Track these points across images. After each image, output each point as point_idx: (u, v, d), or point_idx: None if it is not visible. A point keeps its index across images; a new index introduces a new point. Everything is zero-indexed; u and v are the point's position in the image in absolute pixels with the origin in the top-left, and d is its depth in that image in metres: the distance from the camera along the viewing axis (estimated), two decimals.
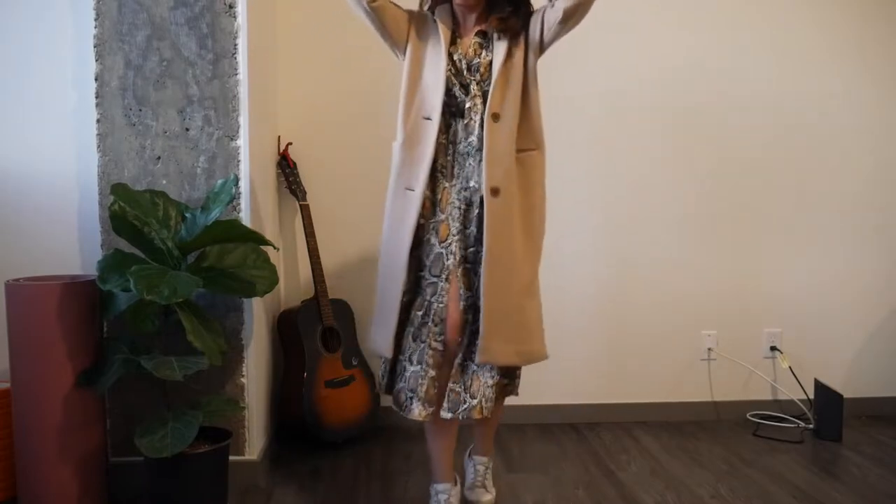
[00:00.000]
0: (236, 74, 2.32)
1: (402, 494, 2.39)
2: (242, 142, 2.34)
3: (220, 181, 2.22)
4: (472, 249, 2.01)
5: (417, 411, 1.95)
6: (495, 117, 1.98)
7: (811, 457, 2.75)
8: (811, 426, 3.01)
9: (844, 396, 2.93)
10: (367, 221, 3.05)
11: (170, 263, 2.12)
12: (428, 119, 2.02)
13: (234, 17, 2.31)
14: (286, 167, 2.89)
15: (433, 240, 2.02)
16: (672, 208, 3.13)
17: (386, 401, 2.98)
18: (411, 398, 1.98)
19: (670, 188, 3.12)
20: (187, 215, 2.19)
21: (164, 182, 2.33)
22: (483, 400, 1.96)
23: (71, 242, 2.42)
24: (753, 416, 3.14)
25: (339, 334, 2.87)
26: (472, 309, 1.99)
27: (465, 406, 1.96)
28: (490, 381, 1.98)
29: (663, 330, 3.17)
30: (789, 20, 3.12)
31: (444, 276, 1.99)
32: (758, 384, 3.20)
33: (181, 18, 2.30)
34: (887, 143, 3.19)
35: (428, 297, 2.00)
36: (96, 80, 2.31)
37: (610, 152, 3.10)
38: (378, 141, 3.02)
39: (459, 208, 2.02)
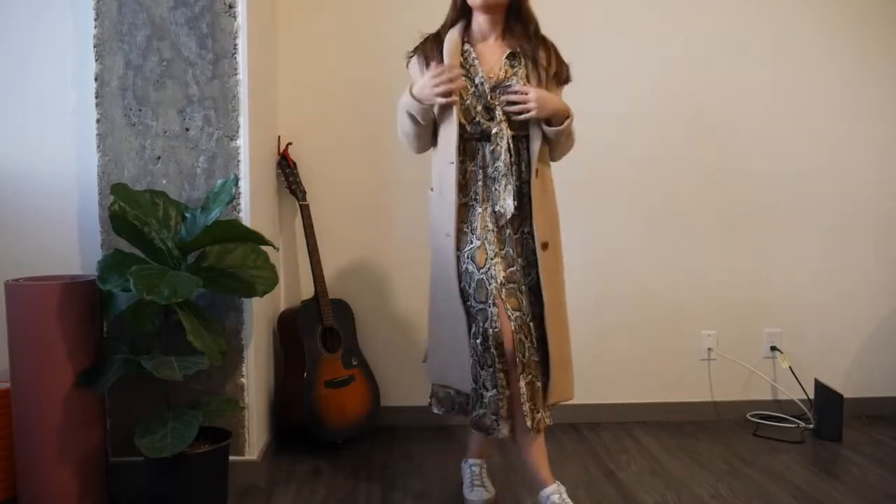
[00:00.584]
0: (236, 74, 2.32)
1: (403, 494, 2.39)
2: (242, 142, 2.34)
3: (220, 181, 2.22)
4: (511, 269, 2.06)
5: (506, 430, 2.05)
6: (538, 173, 2.07)
7: (811, 457, 2.75)
8: (811, 426, 3.01)
9: (844, 396, 2.93)
10: (368, 221, 3.06)
11: (170, 263, 2.12)
12: (451, 164, 2.07)
13: (234, 17, 2.31)
14: (286, 167, 2.90)
15: (471, 268, 2.07)
16: (672, 208, 3.13)
17: (387, 401, 3.01)
18: (496, 420, 2.04)
19: (670, 188, 3.12)
20: (187, 215, 2.19)
21: (164, 182, 2.33)
22: (545, 411, 2.12)
23: (71, 242, 2.42)
24: (753, 416, 3.14)
25: (339, 334, 2.87)
26: (524, 326, 2.04)
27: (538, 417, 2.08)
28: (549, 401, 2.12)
29: (663, 330, 3.17)
30: (788, 21, 3.12)
31: (490, 301, 2.02)
32: (758, 384, 3.20)
33: (181, 18, 2.30)
34: (887, 143, 3.19)
35: (482, 325, 2.03)
36: (96, 80, 2.31)
37: (609, 152, 3.10)
38: (378, 141, 3.03)
39: (492, 231, 2.06)
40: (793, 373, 3.13)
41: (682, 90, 3.10)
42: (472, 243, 2.07)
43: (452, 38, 2.11)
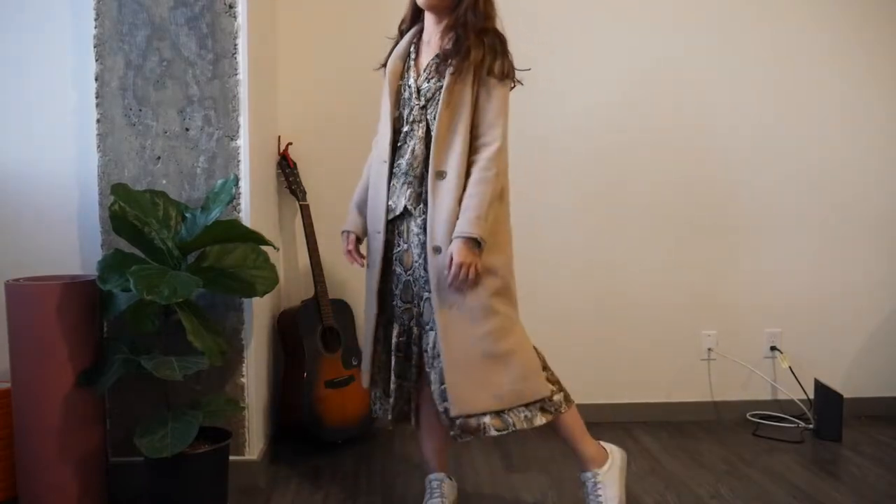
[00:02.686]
0: (236, 74, 2.32)
1: (403, 494, 2.39)
2: (242, 142, 2.34)
3: (220, 181, 2.22)
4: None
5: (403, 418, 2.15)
6: (440, 175, 1.98)
7: (811, 457, 2.75)
8: (811, 426, 3.01)
9: (844, 396, 2.93)
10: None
11: (170, 263, 2.12)
12: (384, 162, 2.07)
13: (234, 17, 2.31)
14: (286, 167, 2.89)
15: (398, 269, 2.09)
16: (672, 208, 3.13)
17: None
18: (409, 408, 2.15)
19: (670, 188, 3.12)
20: (187, 215, 2.19)
21: (164, 182, 2.33)
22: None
23: (71, 242, 2.42)
24: (753, 416, 3.14)
25: (339, 334, 2.87)
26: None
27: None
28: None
29: (663, 330, 3.17)
30: (786, 21, 3.12)
31: (415, 302, 2.06)
32: (758, 384, 3.20)
33: (181, 18, 2.30)
34: (888, 143, 3.19)
35: (407, 322, 2.08)
36: (96, 80, 2.31)
37: (609, 152, 3.10)
38: None
39: (418, 236, 2.04)
40: (793, 373, 3.13)
41: (679, 93, 3.10)
42: (399, 246, 2.08)
43: (404, 41, 2.11)
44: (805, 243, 3.19)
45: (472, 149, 1.97)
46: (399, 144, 2.07)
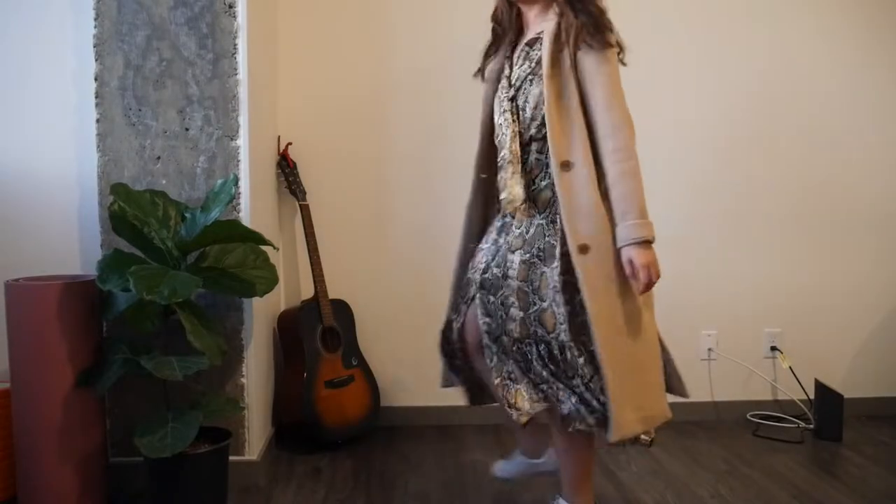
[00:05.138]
0: (236, 74, 2.32)
1: (402, 494, 2.39)
2: (242, 142, 2.34)
3: (220, 181, 2.22)
4: (485, 276, 1.95)
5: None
6: (565, 166, 1.79)
7: (811, 457, 2.75)
8: (811, 426, 3.01)
9: (844, 396, 2.93)
10: (368, 221, 3.06)
11: (170, 263, 2.12)
12: (481, 176, 2.03)
13: (234, 17, 2.31)
14: (286, 167, 2.89)
15: (470, 267, 2.04)
16: (672, 208, 3.13)
17: (387, 401, 3.01)
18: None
19: (670, 188, 3.12)
20: (187, 215, 2.19)
21: (164, 182, 2.33)
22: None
23: (71, 242, 2.42)
24: (753, 416, 3.14)
25: (339, 334, 2.87)
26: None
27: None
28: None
29: (663, 330, 3.14)
30: (793, 25, 3.12)
31: (466, 300, 2.00)
32: (758, 384, 3.19)
33: (181, 18, 2.30)
34: (887, 143, 3.19)
35: (451, 316, 2.05)
36: (96, 79, 2.31)
37: None
38: (378, 141, 3.03)
39: (491, 234, 2.01)
40: (793, 373, 3.13)
41: (681, 92, 3.10)
42: (481, 247, 2.03)
43: (502, 46, 2.00)
44: (805, 243, 3.18)
45: (599, 137, 1.79)
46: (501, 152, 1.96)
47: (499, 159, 1.96)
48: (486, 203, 2.08)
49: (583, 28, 1.77)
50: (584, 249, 1.78)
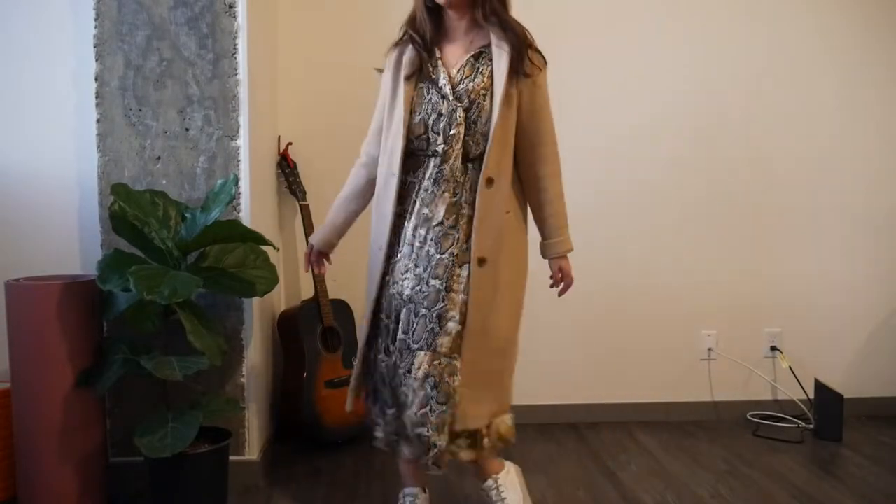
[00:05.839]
0: (236, 74, 2.32)
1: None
2: (242, 142, 2.34)
3: (220, 181, 2.22)
4: (416, 288, 1.91)
5: (407, 451, 1.97)
6: (490, 183, 1.88)
7: (811, 457, 2.75)
8: (811, 426, 3.01)
9: (844, 396, 2.93)
10: (367, 221, 3.05)
11: (170, 263, 2.12)
12: (394, 175, 1.94)
13: (234, 17, 2.31)
14: (286, 167, 2.89)
15: (391, 280, 1.97)
16: (672, 209, 3.13)
17: None
18: (396, 440, 2.00)
19: (670, 189, 3.12)
20: (187, 215, 2.19)
21: (164, 182, 2.33)
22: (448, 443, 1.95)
23: (71, 242, 2.42)
24: (753, 416, 3.14)
25: (339, 334, 2.87)
26: (403, 351, 1.93)
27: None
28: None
29: (663, 330, 3.17)
30: (788, 25, 3.12)
31: (392, 317, 1.96)
32: (758, 384, 3.20)
33: (181, 18, 2.30)
34: (888, 143, 3.19)
35: (384, 340, 1.98)
36: (96, 79, 2.31)
37: (609, 153, 3.10)
38: None
39: (411, 245, 1.94)
40: (793, 373, 3.13)
41: (682, 93, 3.10)
42: (397, 256, 1.97)
43: (413, 44, 1.96)
44: (805, 243, 3.19)
45: (536, 156, 1.93)
46: (419, 153, 1.93)
47: (429, 170, 1.92)
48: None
49: (531, 57, 1.89)
50: (482, 262, 1.88)
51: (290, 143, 2.94)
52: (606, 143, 3.10)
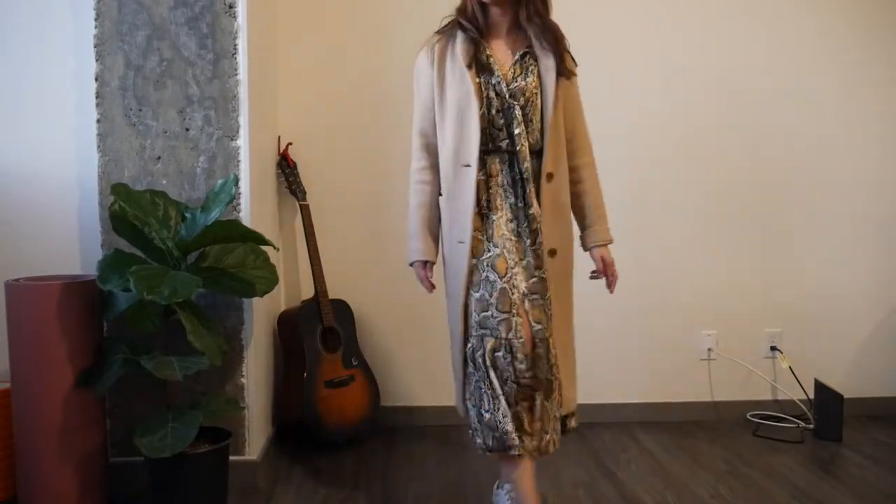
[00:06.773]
0: (236, 74, 2.32)
1: (403, 494, 2.39)
2: (242, 142, 2.34)
3: (220, 181, 2.22)
4: (532, 280, 1.95)
5: (526, 444, 1.92)
6: (550, 178, 1.98)
7: (811, 457, 2.75)
8: (811, 426, 3.01)
9: (844, 396, 2.93)
10: (367, 222, 3.06)
11: (170, 263, 2.12)
12: (468, 167, 1.95)
13: (234, 17, 2.31)
14: (286, 167, 2.90)
15: (492, 276, 1.93)
16: (673, 210, 3.13)
17: (387, 401, 3.01)
18: (512, 436, 1.91)
19: (671, 190, 3.12)
20: (187, 215, 2.19)
21: (164, 182, 2.33)
22: (554, 433, 1.97)
23: (71, 242, 2.42)
24: (753, 416, 3.14)
25: (339, 334, 2.87)
26: (544, 341, 1.93)
27: (546, 439, 1.95)
28: (558, 415, 2.00)
29: (663, 330, 3.16)
30: (789, 26, 3.12)
31: (513, 311, 1.91)
32: (758, 384, 3.20)
33: (181, 18, 2.30)
34: (888, 144, 3.19)
35: (504, 336, 1.90)
36: (96, 80, 2.31)
37: (611, 154, 3.09)
38: (378, 141, 3.03)
39: (511, 240, 1.96)
40: (793, 373, 3.13)
41: (682, 94, 3.10)
42: (489, 251, 1.95)
43: (463, 36, 1.98)
44: (805, 244, 3.18)
45: (573, 148, 2.05)
46: (484, 148, 1.96)
47: (497, 164, 1.98)
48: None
49: (569, 58, 2.03)
50: (553, 253, 2.00)
51: (290, 144, 2.94)
52: (606, 143, 3.08)
